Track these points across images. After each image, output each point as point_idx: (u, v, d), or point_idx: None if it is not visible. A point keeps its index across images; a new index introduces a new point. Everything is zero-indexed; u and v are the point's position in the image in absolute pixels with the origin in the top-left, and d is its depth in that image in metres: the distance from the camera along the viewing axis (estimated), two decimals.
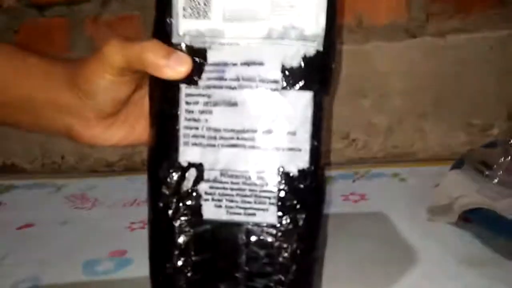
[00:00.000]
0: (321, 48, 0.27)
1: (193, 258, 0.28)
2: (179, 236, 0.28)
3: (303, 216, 0.27)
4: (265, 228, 0.27)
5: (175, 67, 0.27)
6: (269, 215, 0.27)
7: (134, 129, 0.33)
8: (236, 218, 0.28)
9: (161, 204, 0.28)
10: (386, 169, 0.68)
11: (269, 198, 0.27)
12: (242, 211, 0.28)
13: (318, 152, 0.28)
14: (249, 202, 0.27)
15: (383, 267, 0.39)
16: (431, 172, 0.63)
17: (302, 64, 0.27)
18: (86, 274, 0.42)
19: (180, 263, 0.28)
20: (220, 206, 0.28)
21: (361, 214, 0.51)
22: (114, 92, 0.29)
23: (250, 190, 0.27)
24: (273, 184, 0.27)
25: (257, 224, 0.28)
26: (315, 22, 0.27)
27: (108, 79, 0.28)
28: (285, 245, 0.27)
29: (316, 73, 0.27)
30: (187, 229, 0.28)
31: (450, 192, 0.47)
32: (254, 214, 0.27)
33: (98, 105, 0.30)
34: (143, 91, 0.31)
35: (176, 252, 0.28)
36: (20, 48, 0.32)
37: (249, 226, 0.28)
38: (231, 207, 0.28)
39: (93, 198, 0.64)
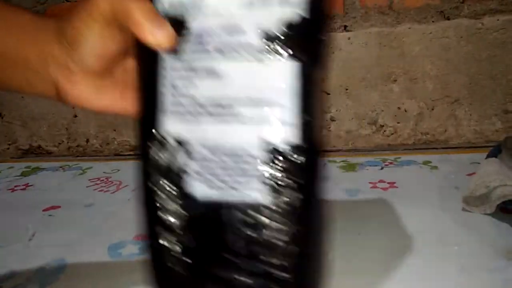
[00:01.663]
0: (307, 16, 0.25)
1: (185, 241, 0.27)
2: (168, 217, 0.27)
3: (299, 196, 0.26)
4: (260, 209, 0.26)
5: (159, 38, 0.26)
6: (262, 196, 0.26)
7: (122, 97, 0.32)
8: (227, 198, 0.26)
9: (149, 184, 0.27)
10: (417, 156, 0.65)
11: (261, 177, 0.25)
12: (233, 191, 0.26)
13: (311, 128, 0.26)
14: (239, 182, 0.26)
15: (415, 258, 0.37)
16: (464, 160, 0.61)
17: (288, 33, 0.25)
18: (111, 256, 0.41)
19: (171, 245, 0.27)
20: (209, 186, 0.26)
21: (391, 203, 0.49)
22: (99, 46, 0.28)
23: (240, 169, 0.26)
24: (263, 162, 0.25)
25: (251, 205, 0.26)
26: None
27: (95, 29, 0.27)
28: (282, 228, 0.26)
29: (303, 43, 0.26)
30: (176, 209, 0.27)
31: (487, 181, 0.44)
32: (246, 194, 0.26)
33: (83, 57, 0.29)
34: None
35: (166, 235, 0.27)
36: (13, 6, 0.31)
37: (242, 207, 0.26)
38: (221, 188, 0.26)
39: (117, 181, 0.64)
